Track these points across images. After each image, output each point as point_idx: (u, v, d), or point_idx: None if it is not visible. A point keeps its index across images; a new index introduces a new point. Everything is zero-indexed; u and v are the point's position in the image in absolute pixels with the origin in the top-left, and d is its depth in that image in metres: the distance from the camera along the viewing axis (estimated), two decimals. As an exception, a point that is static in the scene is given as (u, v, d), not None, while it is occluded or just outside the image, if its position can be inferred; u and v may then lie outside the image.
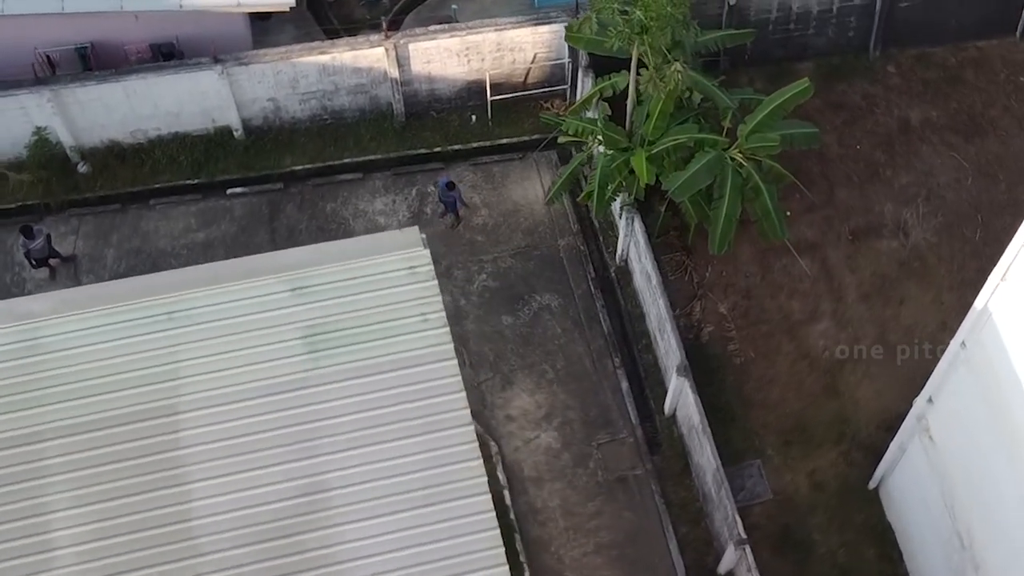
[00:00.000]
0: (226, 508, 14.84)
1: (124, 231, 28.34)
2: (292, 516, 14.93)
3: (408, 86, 28.41)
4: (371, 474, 15.25)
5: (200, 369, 15.50)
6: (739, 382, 26.50)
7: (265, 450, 15.18)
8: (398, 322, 16.06)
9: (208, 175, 28.67)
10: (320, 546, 14.84)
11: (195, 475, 14.91)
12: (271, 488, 15.01)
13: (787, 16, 28.29)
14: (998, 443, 19.48)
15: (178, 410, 15.23)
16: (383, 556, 14.88)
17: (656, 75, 24.14)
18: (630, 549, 25.26)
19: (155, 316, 15.65)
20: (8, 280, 27.79)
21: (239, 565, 14.60)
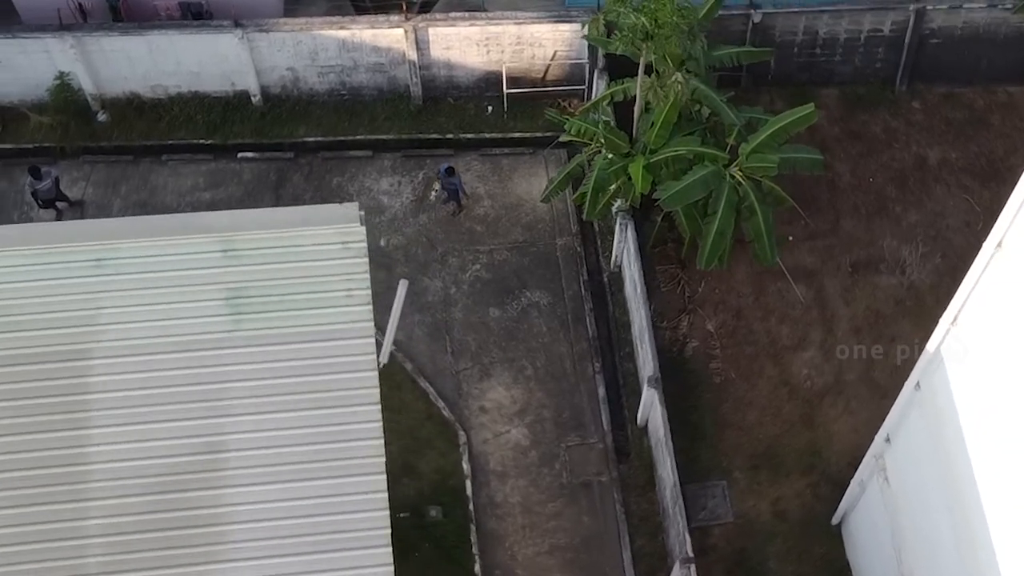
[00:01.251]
0: (123, 456, 15.05)
1: (133, 183, 28.78)
2: (188, 472, 15.11)
3: (427, 70, 28.51)
4: (271, 440, 15.38)
5: (121, 317, 15.72)
6: (716, 401, 26.30)
7: (171, 404, 15.37)
8: (323, 294, 16.18)
9: (222, 137, 29.01)
10: (210, 504, 15.00)
11: (98, 420, 15.13)
12: (171, 442, 15.21)
13: (813, 40, 27.97)
14: (940, 489, 19.20)
15: (92, 355, 15.47)
16: (270, 522, 15.02)
17: (658, 83, 24.02)
18: (584, 554, 25.20)
19: (84, 261, 15.90)
20: (15, 217, 28.34)
21: (128, 513, 14.79)
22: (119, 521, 14.73)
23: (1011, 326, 15.94)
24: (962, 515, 18.14)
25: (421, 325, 27.22)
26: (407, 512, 25.39)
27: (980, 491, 17.52)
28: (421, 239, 28.02)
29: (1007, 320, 16.09)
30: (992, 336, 16.81)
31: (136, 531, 14.71)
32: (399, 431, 26.13)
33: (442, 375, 26.72)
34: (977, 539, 17.34)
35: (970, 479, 17.84)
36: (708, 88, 25.30)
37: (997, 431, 16.77)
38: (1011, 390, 15.96)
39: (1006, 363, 16.20)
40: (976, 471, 17.72)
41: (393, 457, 25.42)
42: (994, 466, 17.11)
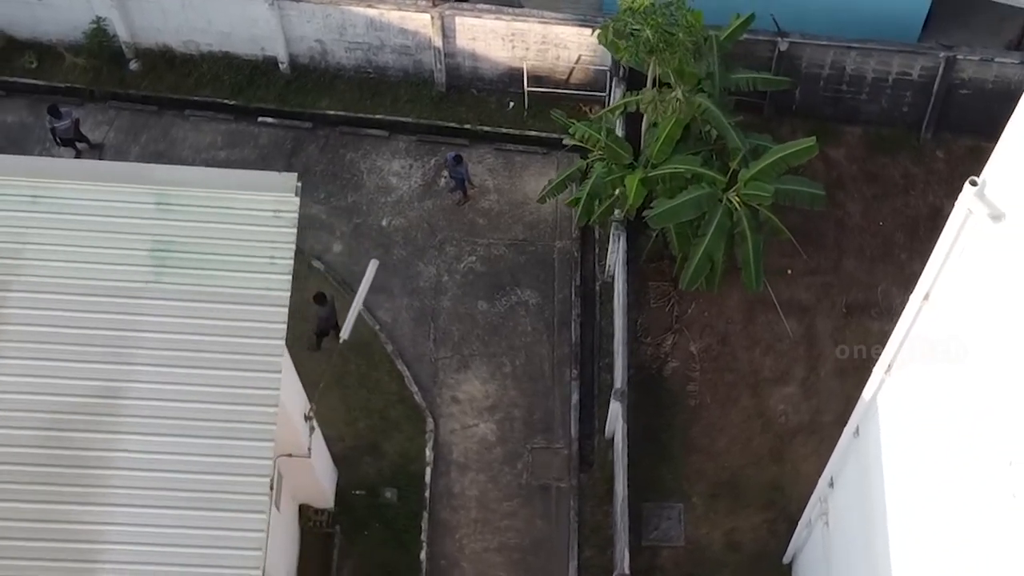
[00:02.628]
0: (22, 389, 15.38)
1: (154, 133, 29.29)
2: (82, 413, 15.39)
3: (452, 58, 28.64)
4: (169, 394, 15.61)
5: (45, 255, 16.04)
6: (687, 423, 26.15)
7: (79, 345, 15.66)
8: (246, 259, 16.36)
9: (245, 99, 29.41)
10: (99, 447, 15.28)
11: (2, 351, 15.48)
12: (72, 381, 15.50)
13: (840, 75, 27.60)
14: (861, 538, 18.97)
15: (11, 287, 15.82)
16: (152, 472, 15.25)
17: (659, 97, 23.92)
18: (532, 557, 25.22)
19: (21, 196, 16.25)
20: (36, 152, 28.97)
21: (16, 444, 15.12)
22: (4, 451, 15.04)
23: (936, 376, 15.72)
24: (873, 567, 17.94)
25: (409, 309, 27.38)
26: (363, 490, 25.62)
27: (890, 543, 17.31)
28: (423, 224, 28.17)
29: (933, 370, 15.87)
30: (919, 386, 16.59)
31: (20, 463, 15.03)
32: (369, 410, 26.39)
33: (421, 361, 26.86)
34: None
35: (883, 532, 17.62)
36: (718, 109, 25.07)
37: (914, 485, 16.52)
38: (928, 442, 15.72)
39: (927, 415, 15.96)
40: (889, 524, 17.49)
41: (359, 434, 25.95)
42: (907, 520, 16.86)
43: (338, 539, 25.18)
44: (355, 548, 25.28)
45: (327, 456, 24.66)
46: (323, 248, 27.96)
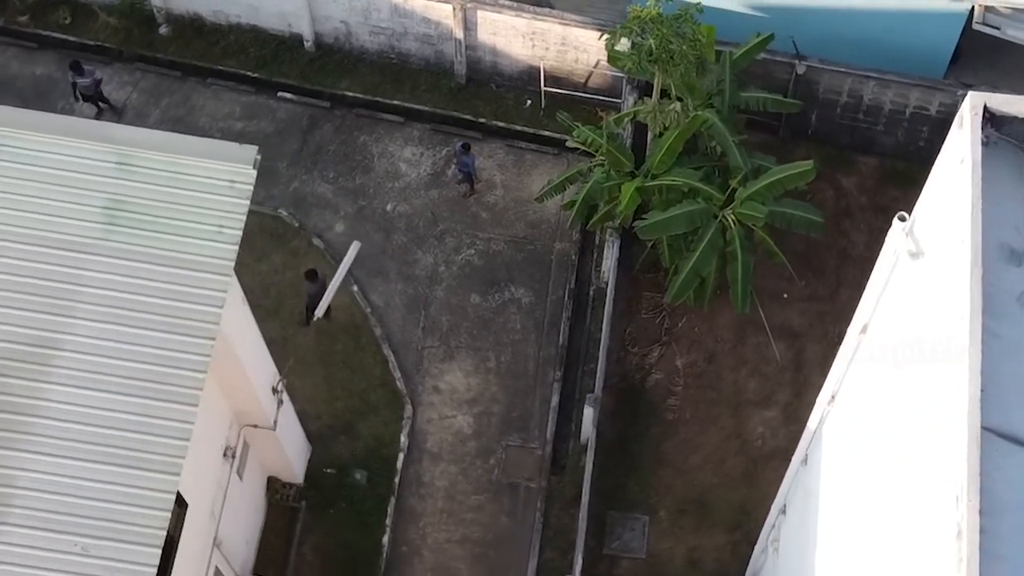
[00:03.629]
0: (-46, 331, 15.76)
1: (175, 98, 29.71)
2: (15, 360, 15.69)
3: (473, 51, 28.77)
4: (102, 350, 15.86)
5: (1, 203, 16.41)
6: (663, 437, 26.09)
7: (19, 293, 15.97)
8: (196, 225, 16.59)
9: (267, 73, 29.74)
10: (26, 395, 15.57)
11: (-56, 294, 15.88)
12: (7, 327, 15.81)
13: (857, 104, 27.35)
14: (798, 566, 18.88)
15: (-38, 232, 16.20)
16: (76, 425, 15.51)
17: (658, 108, 23.89)
18: (492, 553, 25.32)
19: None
20: (59, 107, 29.53)
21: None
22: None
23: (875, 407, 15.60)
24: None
25: (402, 295, 27.56)
26: (334, 469, 25.85)
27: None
28: (426, 213, 28.33)
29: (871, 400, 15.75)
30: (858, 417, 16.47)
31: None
32: (350, 390, 26.62)
33: (407, 347, 27.02)
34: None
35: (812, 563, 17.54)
36: (724, 126, 24.98)
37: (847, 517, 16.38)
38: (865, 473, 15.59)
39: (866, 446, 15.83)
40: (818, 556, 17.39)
41: (337, 413, 26.17)
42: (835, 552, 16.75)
43: (303, 514, 25.44)
44: (319, 525, 25.51)
45: (298, 431, 24.89)
46: (325, 227, 28.21)
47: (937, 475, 11.50)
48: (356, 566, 25.04)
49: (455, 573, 25.10)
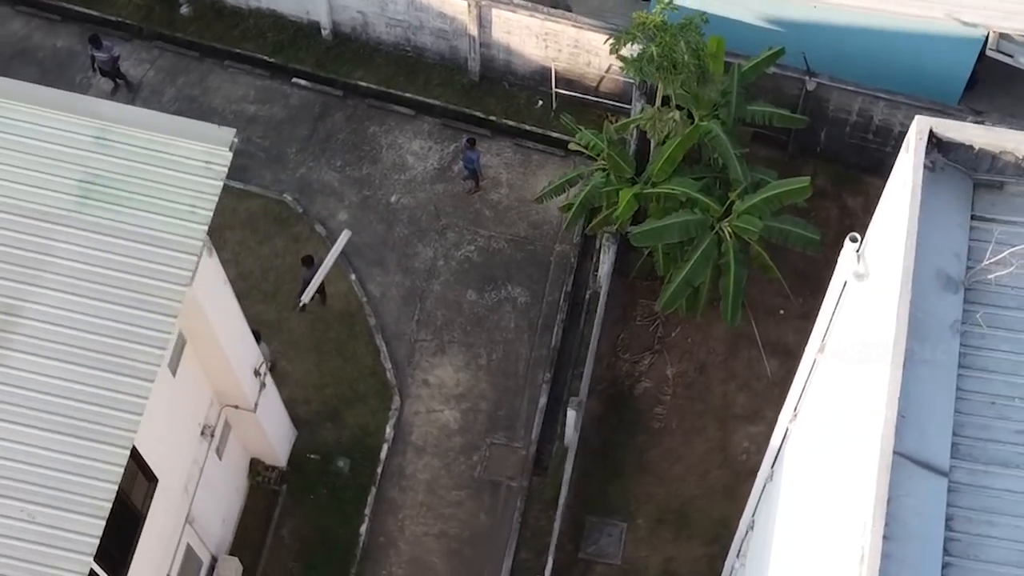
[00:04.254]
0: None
1: (191, 78, 29.97)
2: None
3: (487, 49, 28.82)
4: (66, 320, 16.06)
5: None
6: (647, 445, 26.05)
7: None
8: (169, 203, 16.76)
9: (284, 59, 29.94)
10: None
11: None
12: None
13: (867, 124, 27.19)
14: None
15: (-71, 196, 16.45)
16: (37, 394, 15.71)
17: (657, 116, 23.86)
18: (468, 549, 25.38)
19: (-39, 112, 16.89)
20: (78, 80, 29.90)
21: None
22: None
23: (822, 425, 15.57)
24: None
25: (399, 287, 27.66)
26: (318, 455, 25.99)
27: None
28: (430, 206, 28.42)
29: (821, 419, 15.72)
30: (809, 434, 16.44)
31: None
32: (340, 377, 26.77)
33: (400, 339, 27.13)
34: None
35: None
36: (727, 138, 24.90)
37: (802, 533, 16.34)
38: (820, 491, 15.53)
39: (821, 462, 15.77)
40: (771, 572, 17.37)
41: (325, 400, 26.34)
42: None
43: (283, 498, 25.61)
44: (299, 510, 25.68)
45: (282, 415, 25.06)
46: (328, 214, 28.36)
47: (853, 499, 11.47)
48: (332, 553, 25.18)
49: (430, 567, 25.18)
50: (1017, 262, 11.72)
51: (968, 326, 11.84)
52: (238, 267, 27.61)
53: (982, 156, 12.06)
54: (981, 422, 11.52)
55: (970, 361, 11.71)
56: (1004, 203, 12.34)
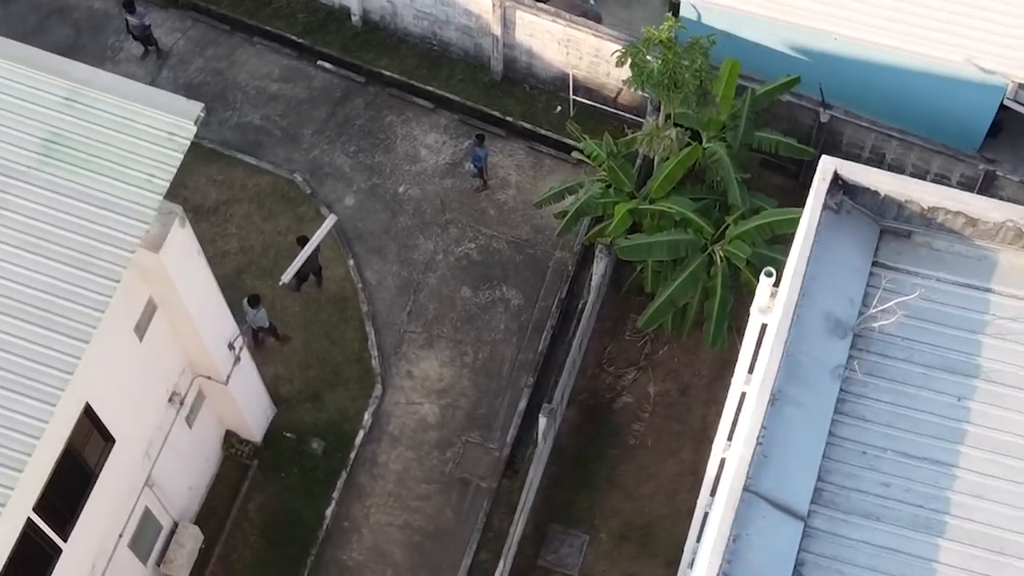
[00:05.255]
0: None
1: (219, 51, 30.34)
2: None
3: (510, 50, 28.88)
4: (9, 274, 16.37)
5: (-55, 119, 17.05)
6: (620, 460, 26.00)
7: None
8: (128, 170, 17.00)
9: (312, 40, 30.21)
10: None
11: None
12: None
13: (879, 161, 26.87)
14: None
15: None
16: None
17: (655, 132, 23.79)
18: (430, 544, 25.49)
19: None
20: (110, 42, 30.41)
21: None
22: None
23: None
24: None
25: (396, 276, 27.82)
26: (293, 435, 26.22)
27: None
28: (436, 200, 28.54)
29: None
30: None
31: None
32: (326, 360, 26.99)
33: (390, 328, 27.29)
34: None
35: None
36: (730, 161, 24.78)
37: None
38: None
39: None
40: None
41: (308, 381, 26.60)
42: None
43: (253, 473, 25.88)
44: (268, 486, 25.93)
45: (259, 391, 25.30)
46: (336, 198, 28.58)
47: (712, 533, 11.41)
48: (295, 532, 25.40)
49: (389, 556, 25.32)
50: (902, 312, 11.58)
51: (855, 372, 11.71)
52: (241, 241, 27.97)
53: (888, 203, 11.92)
54: (849, 470, 11.40)
55: (848, 408, 11.59)
56: (910, 252, 12.18)
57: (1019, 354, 11.70)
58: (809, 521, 11.10)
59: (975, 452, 11.47)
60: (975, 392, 11.69)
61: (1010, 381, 11.66)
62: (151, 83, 29.83)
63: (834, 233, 11.91)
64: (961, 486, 11.39)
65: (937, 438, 11.54)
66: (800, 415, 11.26)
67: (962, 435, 11.50)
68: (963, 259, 12.06)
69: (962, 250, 12.12)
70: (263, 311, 25.76)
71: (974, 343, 11.83)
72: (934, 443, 11.48)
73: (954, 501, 11.38)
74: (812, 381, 11.42)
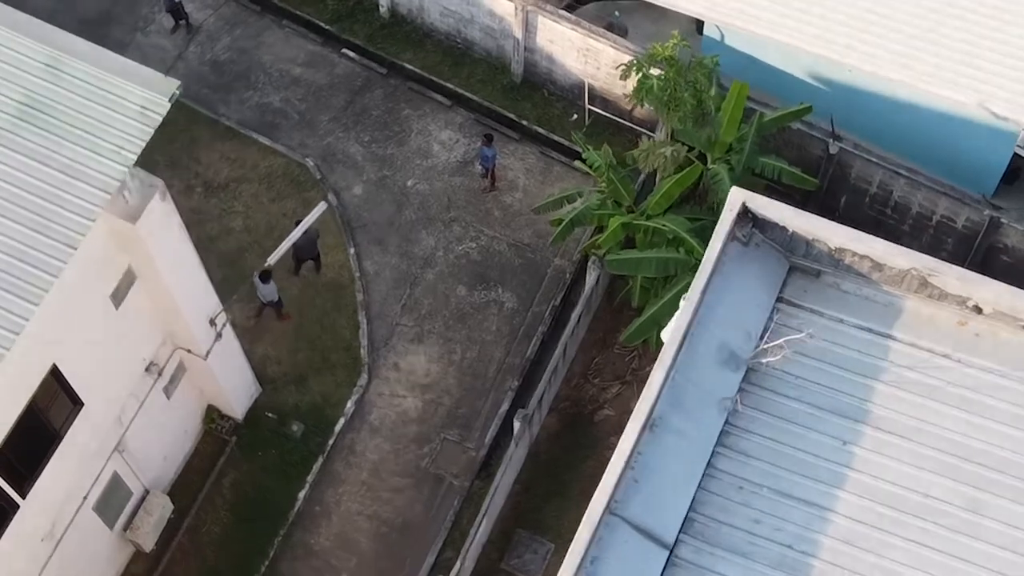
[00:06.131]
0: None
1: (248, 31, 30.68)
2: None
3: (531, 54, 28.94)
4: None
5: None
6: (595, 472, 25.45)
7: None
8: (98, 140, 17.27)
9: (339, 28, 30.48)
10: None
11: None
12: None
13: (886, 198, 26.63)
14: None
15: None
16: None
17: (651, 148, 23.76)
18: (396, 536, 25.64)
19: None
20: (143, 13, 30.89)
21: None
22: None
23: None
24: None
25: (394, 269, 27.98)
26: (275, 415, 26.47)
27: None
28: (443, 197, 28.67)
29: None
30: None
31: None
32: (316, 345, 27.22)
33: (382, 319, 27.46)
34: None
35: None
36: (731, 184, 24.55)
37: None
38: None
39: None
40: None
41: (296, 363, 26.86)
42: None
43: (231, 449, 26.14)
44: (244, 463, 26.19)
45: (242, 368, 25.54)
46: (345, 186, 28.81)
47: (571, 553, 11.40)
48: (266, 511, 25.63)
49: (355, 544, 25.49)
50: (800, 351, 11.51)
51: (744, 405, 11.67)
52: (246, 219, 28.28)
53: (796, 240, 11.84)
54: (723, 503, 11.37)
55: (732, 441, 11.55)
56: (817, 292, 12.10)
57: (910, 404, 11.57)
58: (676, 550, 11.07)
59: (851, 498, 11.36)
60: (861, 437, 11.58)
61: (897, 430, 11.53)
62: (178, 57, 30.36)
63: (741, 265, 11.85)
64: (833, 530, 11.29)
65: (815, 480, 11.46)
66: (679, 444, 11.24)
67: (841, 479, 11.40)
68: (869, 303, 11.96)
69: (870, 294, 12.01)
70: (273, 285, 26.03)
71: (868, 388, 11.72)
72: (812, 484, 11.41)
73: (824, 545, 11.29)
74: (697, 411, 11.39)
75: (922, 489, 11.64)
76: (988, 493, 11.86)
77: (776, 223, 11.92)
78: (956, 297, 12.77)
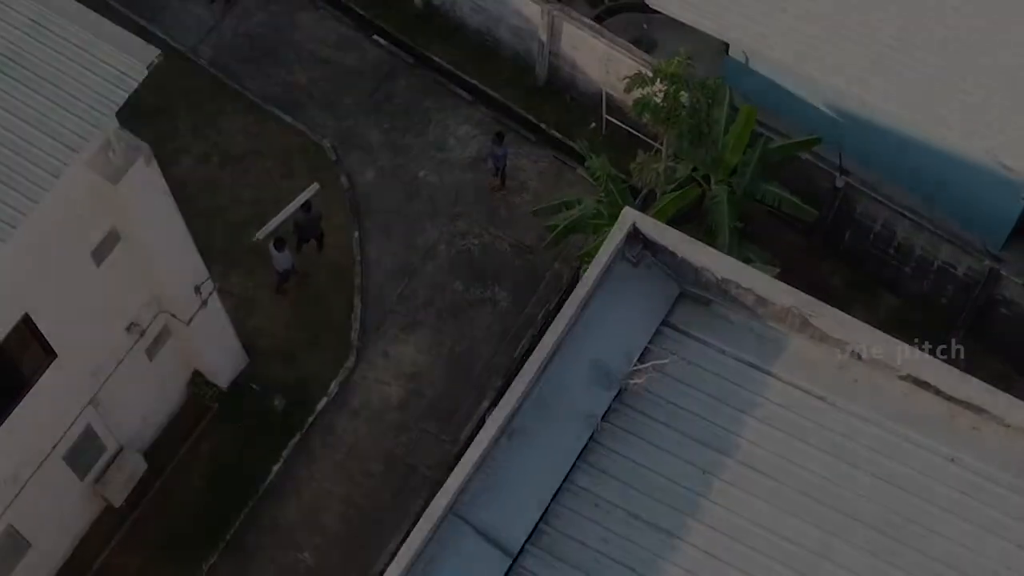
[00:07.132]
0: None
1: (283, 8, 31.07)
2: None
3: (556, 58, 29.02)
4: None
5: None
6: (565, 479, 25.93)
7: None
8: (72, 100, 17.67)
9: (372, 14, 30.78)
10: None
11: None
12: None
13: (889, 239, 26.36)
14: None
15: None
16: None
17: (646, 163, 23.76)
18: (361, 523, 25.89)
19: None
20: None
21: None
22: None
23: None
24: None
25: (395, 257, 28.23)
26: (259, 387, 26.81)
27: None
28: (452, 191, 28.87)
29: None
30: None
31: None
32: (308, 323, 27.54)
33: (377, 305, 27.71)
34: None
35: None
36: (728, 207, 24.64)
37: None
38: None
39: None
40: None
41: (287, 339, 27.24)
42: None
43: (211, 416, 26.50)
44: (223, 432, 26.56)
45: (228, 338, 25.88)
46: (358, 170, 29.09)
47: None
48: (236, 480, 25.96)
49: (320, 524, 25.75)
50: (673, 376, 11.54)
51: (611, 424, 11.72)
52: (256, 192, 28.64)
53: (685, 266, 11.85)
54: (575, 519, 11.43)
55: (595, 459, 11.61)
56: (704, 320, 12.12)
57: (777, 441, 11.51)
58: (520, 560, 11.15)
59: (703, 528, 11.34)
60: (723, 469, 11.56)
61: (760, 466, 11.49)
62: (213, 27, 30.80)
63: (628, 285, 11.89)
64: (680, 559, 11.29)
65: (670, 507, 11.46)
66: (538, 455, 11.31)
67: (696, 509, 11.39)
68: (753, 337, 11.93)
69: (756, 328, 11.99)
70: (288, 252, 26.36)
71: (738, 422, 11.70)
72: (666, 511, 11.41)
73: (668, 573, 11.29)
74: (561, 424, 11.46)
75: (774, 527, 11.61)
76: (838, 538, 11.81)
77: (665, 247, 11.94)
78: (836, 340, 12.70)
